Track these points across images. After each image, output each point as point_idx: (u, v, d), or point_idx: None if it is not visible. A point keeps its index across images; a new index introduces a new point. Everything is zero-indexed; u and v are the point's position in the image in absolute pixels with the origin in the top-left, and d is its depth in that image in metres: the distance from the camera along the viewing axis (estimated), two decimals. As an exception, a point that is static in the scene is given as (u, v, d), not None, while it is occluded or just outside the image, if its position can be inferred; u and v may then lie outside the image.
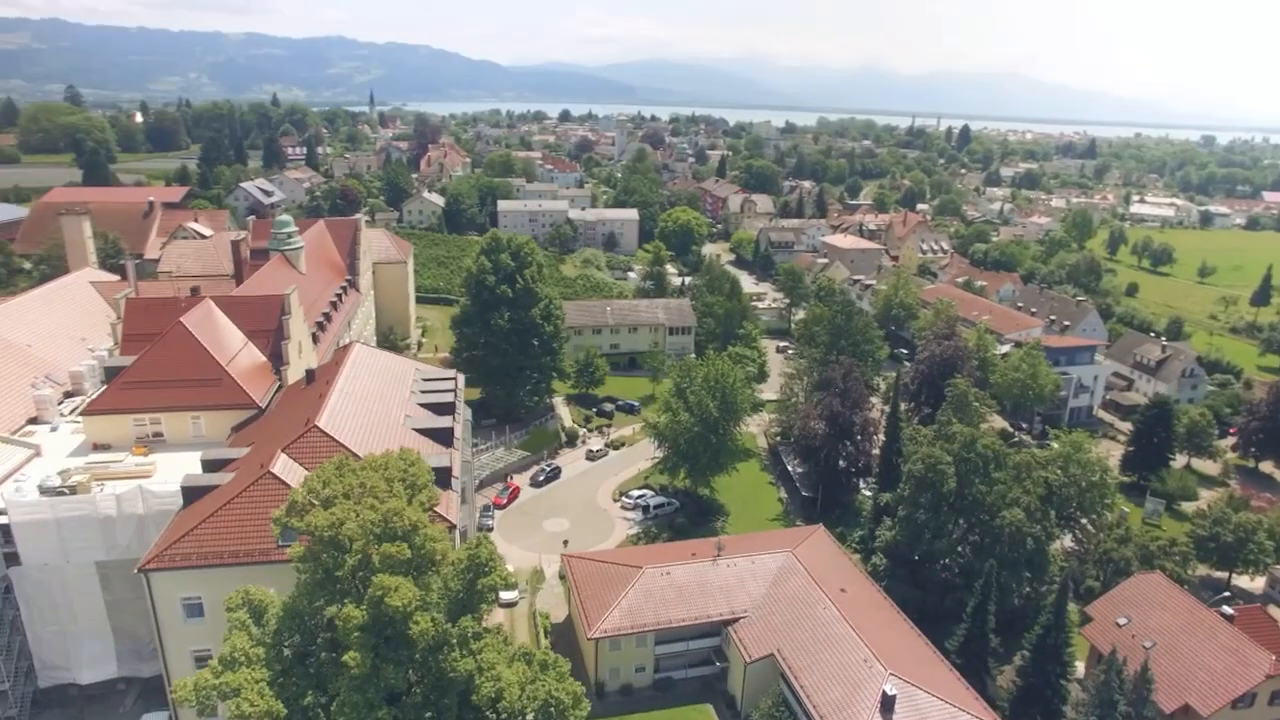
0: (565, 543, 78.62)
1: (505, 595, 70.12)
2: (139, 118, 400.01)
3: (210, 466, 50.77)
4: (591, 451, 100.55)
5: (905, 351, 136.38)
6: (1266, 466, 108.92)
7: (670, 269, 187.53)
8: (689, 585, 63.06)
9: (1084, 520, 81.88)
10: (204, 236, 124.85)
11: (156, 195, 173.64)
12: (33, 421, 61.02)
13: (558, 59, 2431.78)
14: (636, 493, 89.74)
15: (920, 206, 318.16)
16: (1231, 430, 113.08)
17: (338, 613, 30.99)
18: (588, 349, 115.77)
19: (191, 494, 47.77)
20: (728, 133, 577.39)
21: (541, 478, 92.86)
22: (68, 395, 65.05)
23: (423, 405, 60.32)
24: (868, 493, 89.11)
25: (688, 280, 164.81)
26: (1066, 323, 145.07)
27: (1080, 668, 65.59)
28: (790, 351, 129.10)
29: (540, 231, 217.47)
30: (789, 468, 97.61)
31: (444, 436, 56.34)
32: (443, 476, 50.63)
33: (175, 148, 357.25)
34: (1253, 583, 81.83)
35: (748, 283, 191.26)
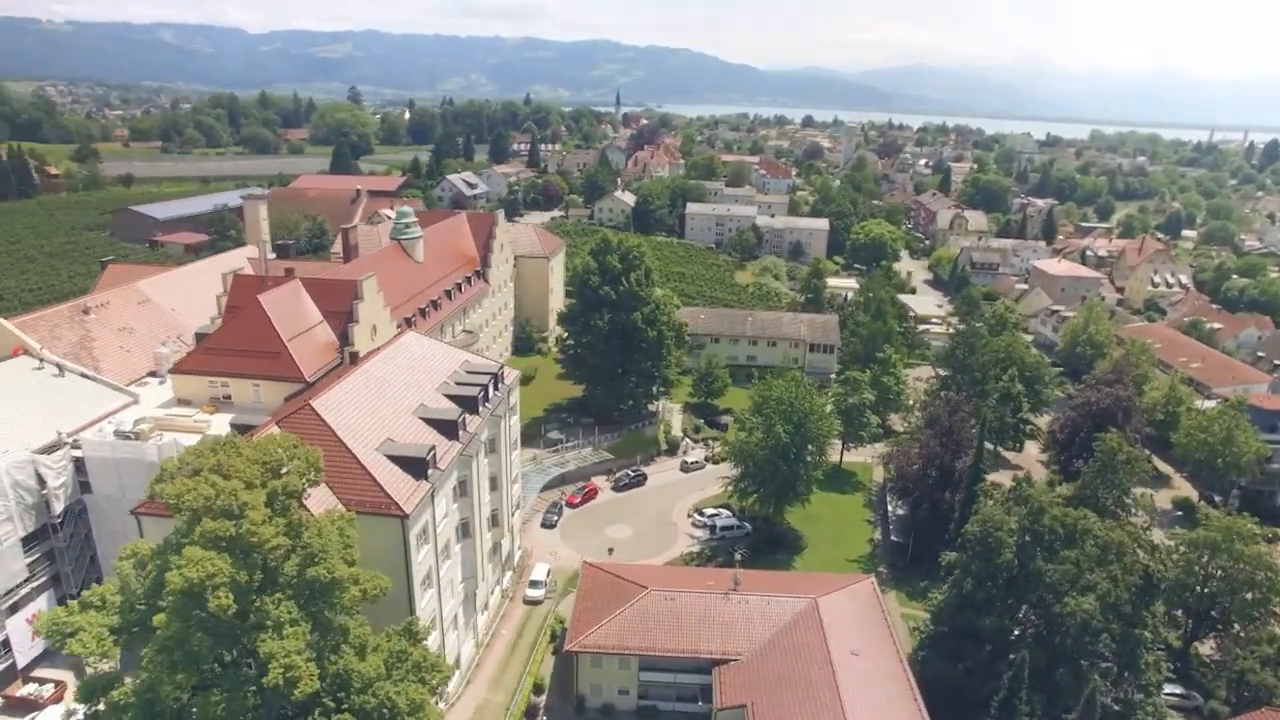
0: (610, 550, 77.82)
1: (531, 593, 71.61)
2: (406, 115, 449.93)
3: (237, 431, 56.08)
4: (687, 463, 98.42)
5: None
6: None
7: (852, 283, 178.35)
8: (689, 615, 59.76)
9: (1236, 627, 67.39)
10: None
11: (376, 184, 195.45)
12: (151, 374, 71.18)
13: (816, 64, 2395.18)
14: (710, 511, 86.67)
15: (1185, 233, 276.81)
16: None
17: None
18: (708, 357, 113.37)
19: (204, 452, 53.03)
20: (979, 144, 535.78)
21: (623, 483, 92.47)
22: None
23: (449, 396, 62.31)
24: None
25: (849, 295, 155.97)
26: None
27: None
28: None
29: (726, 236, 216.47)
30: (888, 508, 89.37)
31: (449, 429, 57.84)
32: (418, 467, 52.22)
33: (430, 141, 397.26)
34: None
35: (930, 304, 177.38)
